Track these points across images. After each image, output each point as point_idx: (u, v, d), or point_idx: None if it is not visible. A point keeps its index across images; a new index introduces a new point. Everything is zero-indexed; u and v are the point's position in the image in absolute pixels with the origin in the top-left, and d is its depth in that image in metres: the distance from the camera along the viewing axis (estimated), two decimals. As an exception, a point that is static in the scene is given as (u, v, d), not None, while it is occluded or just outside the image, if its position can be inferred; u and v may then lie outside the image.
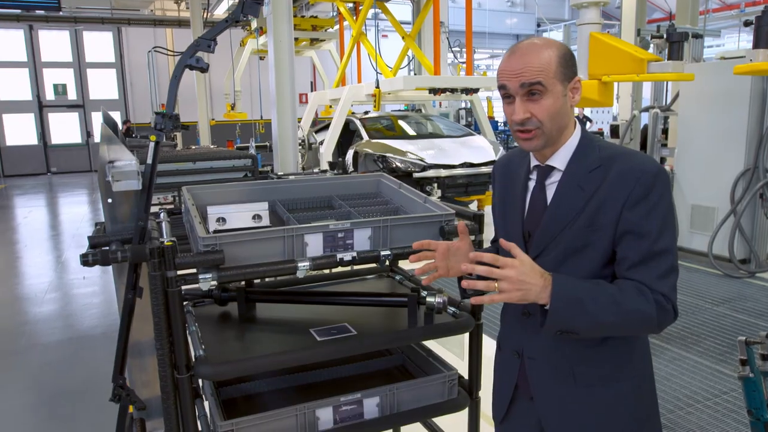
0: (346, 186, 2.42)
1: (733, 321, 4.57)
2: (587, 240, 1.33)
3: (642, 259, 1.29)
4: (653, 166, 1.31)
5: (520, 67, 1.31)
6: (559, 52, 1.33)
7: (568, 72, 1.34)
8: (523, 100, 1.32)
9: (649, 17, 20.32)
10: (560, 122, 1.35)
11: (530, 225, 1.43)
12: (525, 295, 1.23)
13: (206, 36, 1.70)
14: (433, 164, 6.83)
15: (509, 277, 1.22)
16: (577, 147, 1.39)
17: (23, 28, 18.14)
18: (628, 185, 1.29)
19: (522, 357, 1.48)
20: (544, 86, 1.30)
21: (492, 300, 1.24)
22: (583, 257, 1.34)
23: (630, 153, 1.36)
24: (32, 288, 6.24)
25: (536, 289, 1.23)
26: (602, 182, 1.32)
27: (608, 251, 1.33)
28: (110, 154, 1.75)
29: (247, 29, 14.16)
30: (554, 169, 1.40)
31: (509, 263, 1.23)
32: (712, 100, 6.03)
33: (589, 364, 1.39)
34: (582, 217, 1.33)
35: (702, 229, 6.24)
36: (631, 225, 1.29)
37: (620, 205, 1.29)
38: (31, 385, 3.90)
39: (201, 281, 1.58)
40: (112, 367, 1.83)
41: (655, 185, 1.28)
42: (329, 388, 2.03)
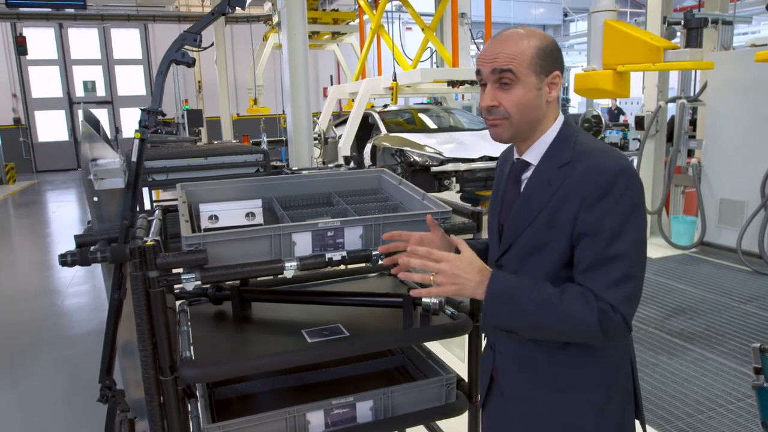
0: (346, 182, 2.36)
1: (761, 320, 4.39)
2: (546, 238, 1.28)
3: (592, 264, 1.22)
4: (616, 164, 1.22)
5: (495, 53, 1.28)
6: (540, 43, 1.28)
7: (546, 65, 1.28)
8: (493, 87, 1.29)
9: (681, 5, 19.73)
10: (531, 115, 1.30)
11: (503, 219, 1.42)
12: (460, 290, 1.24)
13: (192, 30, 1.65)
14: (452, 158, 6.73)
15: (443, 270, 1.23)
16: (552, 142, 1.33)
17: (53, 26, 18.53)
18: (587, 184, 1.22)
19: (494, 350, 1.47)
20: (516, 75, 1.26)
21: (429, 293, 1.24)
22: (542, 256, 1.30)
23: (599, 150, 1.27)
24: (58, 281, 6.36)
25: (471, 284, 1.23)
26: (566, 178, 1.26)
27: (566, 252, 1.27)
28: (93, 152, 1.73)
29: (269, 24, 14.20)
30: (530, 164, 1.36)
31: (444, 257, 1.23)
32: (742, 89, 5.79)
33: (551, 366, 1.35)
34: (543, 214, 1.28)
35: (731, 224, 6.01)
36: (585, 226, 1.22)
37: (578, 204, 1.23)
38: (50, 378, 3.96)
39: (184, 281, 1.55)
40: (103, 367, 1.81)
41: (614, 185, 1.20)
42: (326, 389, 1.98)
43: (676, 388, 3.40)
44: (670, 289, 5.16)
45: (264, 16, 15.10)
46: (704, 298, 4.91)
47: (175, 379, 1.59)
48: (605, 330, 1.19)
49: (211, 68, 16.18)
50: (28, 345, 4.58)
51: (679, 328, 4.27)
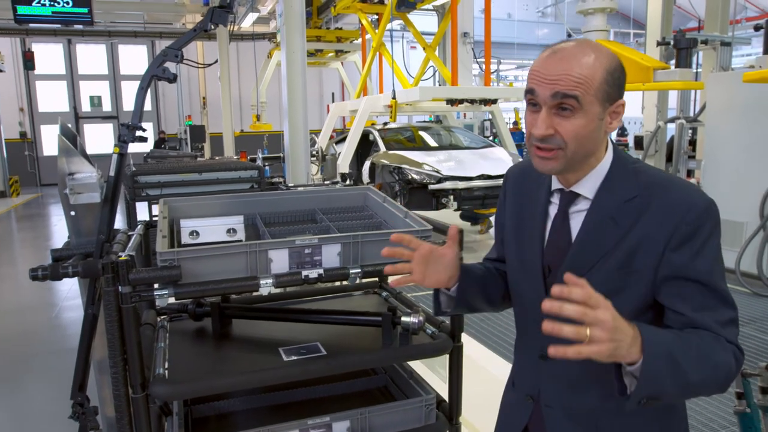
0: (331, 199, 2.35)
1: (759, 343, 4.34)
2: (621, 283, 1.12)
3: (703, 306, 1.08)
4: (702, 199, 1.11)
5: (557, 73, 1.08)
6: (609, 65, 1.11)
7: (612, 92, 1.11)
8: (550, 113, 1.11)
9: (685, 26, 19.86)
10: (588, 147, 1.14)
11: (551, 259, 1.22)
12: (616, 350, 0.95)
13: (173, 46, 1.66)
14: (450, 176, 6.73)
15: (604, 321, 0.93)
16: (608, 173, 1.17)
17: (62, 42, 18.77)
18: (672, 221, 1.09)
19: (537, 403, 1.28)
20: (580, 103, 1.08)
21: (579, 354, 0.93)
22: (615, 302, 1.02)
23: (674, 182, 1.15)
24: (55, 294, 6.36)
25: (627, 341, 0.96)
26: (640, 216, 1.12)
27: (646, 297, 1.13)
28: (69, 167, 1.73)
29: (274, 42, 14.36)
30: (580, 196, 1.20)
31: (603, 304, 0.94)
32: (741, 110, 5.79)
33: (615, 417, 1.18)
34: (615, 256, 1.13)
35: (730, 245, 5.97)
36: (677, 269, 1.09)
37: (663, 244, 1.10)
38: (44, 392, 3.94)
39: (157, 297, 1.53)
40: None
41: (705, 223, 1.09)
42: (306, 408, 1.96)
43: (670, 412, 3.34)
44: (667, 310, 5.11)
45: (269, 34, 15.27)
46: (702, 319, 4.86)
47: (146, 396, 1.57)
48: (738, 372, 1.09)
49: (215, 85, 16.34)
50: (24, 357, 4.56)
51: (675, 350, 4.22)
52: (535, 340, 1.24)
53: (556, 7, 25.16)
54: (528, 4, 24.95)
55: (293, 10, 5.08)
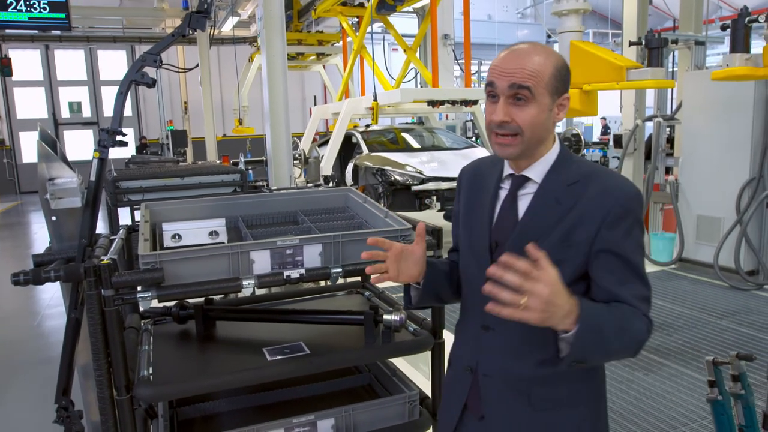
0: (313, 201, 2.38)
1: (737, 335, 4.43)
2: (561, 255, 1.25)
3: (625, 280, 1.25)
4: (633, 188, 1.29)
5: (513, 67, 1.25)
6: (557, 63, 1.28)
7: (560, 86, 1.28)
8: (507, 103, 1.26)
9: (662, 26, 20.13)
10: (540, 134, 1.30)
11: (498, 235, 1.36)
12: (548, 318, 1.10)
13: (151, 51, 1.68)
14: (433, 177, 6.78)
15: (540, 294, 1.07)
16: (555, 161, 1.34)
17: (39, 48, 18.53)
18: (607, 204, 1.25)
19: (476, 373, 1.39)
20: (533, 94, 1.25)
21: (511, 315, 1.09)
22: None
23: (609, 172, 1.34)
24: (37, 303, 6.28)
25: (561, 312, 1.11)
26: (580, 198, 1.28)
27: (581, 268, 1.28)
28: (50, 172, 1.73)
29: (255, 45, 14.31)
30: (529, 180, 1.34)
31: (544, 278, 1.08)
32: (715, 108, 5.91)
33: (546, 385, 1.32)
34: (557, 231, 1.28)
35: (708, 240, 6.09)
36: (608, 244, 1.25)
37: (598, 223, 1.25)
38: (29, 401, 3.89)
39: (140, 300, 1.55)
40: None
41: (633, 209, 1.27)
42: (291, 408, 1.98)
43: (651, 404, 3.41)
44: (648, 305, 5.20)
45: (249, 38, 15.22)
46: (681, 313, 4.95)
47: (131, 398, 1.58)
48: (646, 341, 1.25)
49: (197, 89, 16.24)
50: (5, 367, 4.51)
51: (655, 344, 4.29)
52: (478, 313, 1.36)
53: (535, 9, 25.39)
54: (507, 6, 25.15)
55: (273, 14, 5.09)
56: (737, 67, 4.35)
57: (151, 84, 1.69)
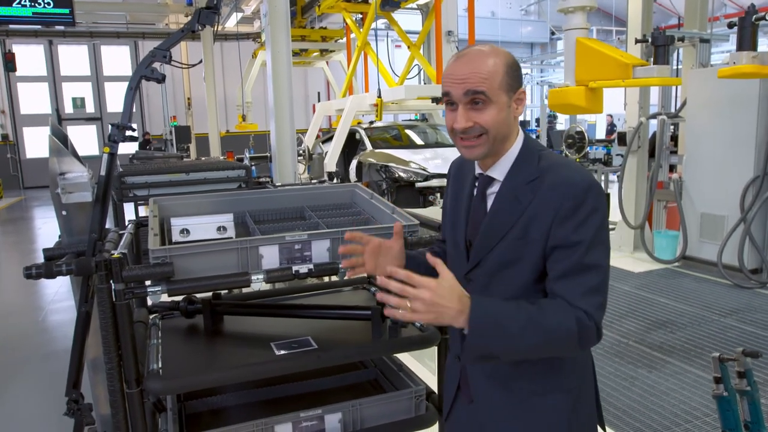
0: (319, 197, 2.39)
1: (740, 333, 4.43)
2: (519, 253, 1.29)
3: (566, 274, 1.24)
4: (584, 179, 1.26)
5: (465, 73, 1.27)
6: (506, 60, 1.29)
7: (513, 83, 1.30)
8: (466, 109, 1.28)
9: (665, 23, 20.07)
10: (503, 132, 1.31)
11: (471, 234, 1.40)
12: (438, 318, 1.17)
13: (161, 47, 1.68)
14: (437, 174, 6.78)
15: (423, 298, 1.14)
16: (517, 157, 1.35)
17: (43, 43, 18.55)
18: (557, 199, 1.25)
19: (461, 361, 1.45)
20: (488, 96, 1.26)
21: (403, 317, 1.16)
22: (515, 270, 1.31)
23: (563, 164, 1.32)
24: (41, 298, 6.31)
25: (451, 312, 1.16)
26: (535, 194, 1.28)
27: (539, 265, 1.29)
28: (60, 166, 1.75)
29: (258, 41, 14.30)
30: (495, 179, 1.37)
31: (425, 284, 1.15)
32: (720, 105, 5.90)
33: (523, 374, 1.36)
34: (515, 229, 1.29)
35: (711, 238, 6.08)
36: (558, 240, 1.25)
37: (550, 219, 1.25)
38: (34, 396, 3.92)
39: (150, 294, 1.56)
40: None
41: (585, 200, 1.24)
42: (298, 402, 1.99)
43: (655, 401, 3.42)
44: (651, 303, 5.20)
45: (253, 34, 15.21)
46: (685, 311, 4.96)
47: (140, 391, 1.59)
48: (581, 338, 1.22)
49: (200, 85, 16.24)
50: (11, 361, 4.53)
51: (659, 341, 4.30)
52: None
53: (539, 5, 25.30)
54: (511, 3, 25.07)
55: (278, 10, 5.09)
56: (744, 65, 4.34)
57: (160, 79, 1.70)
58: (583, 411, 1.40)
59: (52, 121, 1.90)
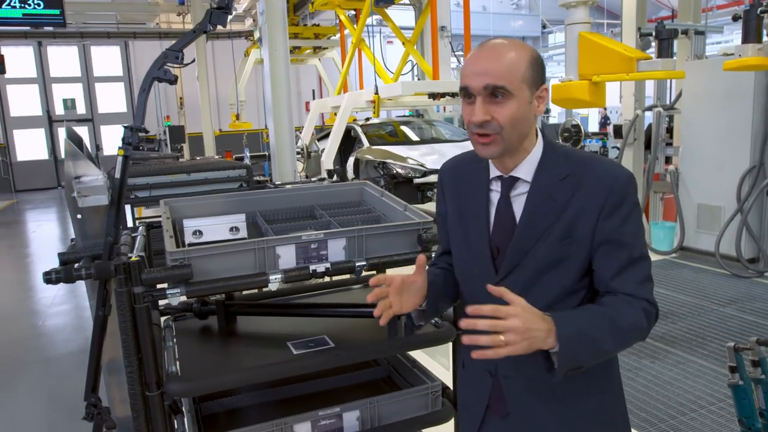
0: (329, 195, 2.39)
1: (741, 322, 4.47)
2: (564, 253, 1.26)
3: (623, 268, 1.25)
4: (625, 173, 1.27)
5: (485, 67, 1.22)
6: (529, 53, 1.25)
7: (536, 77, 1.25)
8: (485, 102, 1.22)
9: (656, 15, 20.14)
10: (521, 130, 1.26)
11: (498, 241, 1.33)
12: (532, 344, 1.13)
13: (174, 48, 1.68)
14: (434, 169, 6.79)
15: (515, 328, 1.10)
16: (542, 156, 1.31)
17: (32, 44, 18.38)
18: (602, 194, 1.23)
19: (496, 376, 1.38)
20: (509, 90, 1.21)
21: (498, 354, 1.11)
22: (559, 271, 1.27)
23: (598, 159, 1.30)
24: (39, 302, 6.28)
25: (542, 335, 1.13)
26: (575, 191, 1.25)
27: (585, 263, 1.27)
28: (76, 170, 1.74)
29: (251, 39, 14.25)
30: (519, 180, 1.31)
31: (512, 312, 1.11)
32: (716, 97, 5.93)
33: (565, 380, 1.29)
34: (556, 229, 1.26)
35: (709, 229, 6.13)
36: (608, 234, 1.24)
37: (596, 214, 1.24)
38: (35, 399, 3.90)
39: (169, 296, 1.56)
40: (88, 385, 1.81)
41: (628, 193, 1.25)
42: (312, 401, 1.99)
43: (659, 391, 3.45)
44: (651, 294, 5.24)
45: (245, 32, 15.14)
46: (684, 302, 5.00)
47: (161, 394, 1.59)
48: (649, 326, 1.25)
49: (192, 84, 16.15)
50: (11, 366, 4.51)
51: (660, 332, 4.34)
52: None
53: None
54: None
55: (275, 8, 5.08)
56: (750, 57, 4.36)
57: (173, 81, 1.70)
58: (622, 408, 1.41)
59: (68, 125, 1.88)
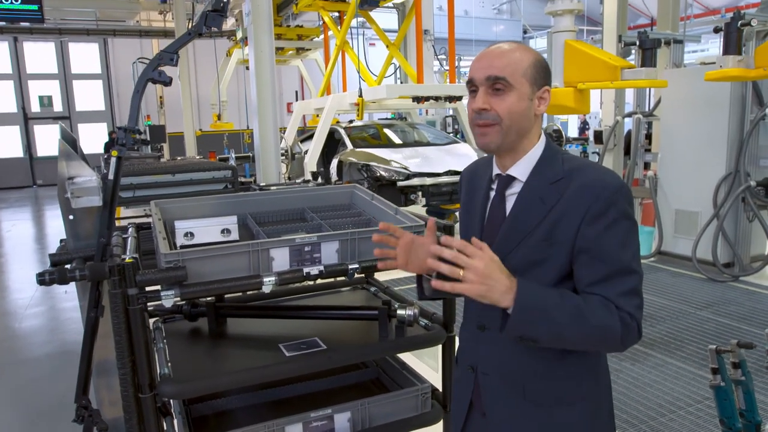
0: (319, 198, 2.40)
1: (717, 325, 4.58)
2: (545, 254, 1.28)
3: (603, 277, 1.24)
4: (614, 180, 1.27)
5: (489, 62, 1.30)
6: (534, 57, 1.32)
7: (539, 78, 1.31)
8: (487, 92, 1.29)
9: (634, 23, 20.49)
10: (520, 124, 1.30)
11: (488, 236, 1.37)
12: (488, 291, 1.16)
13: (168, 49, 1.68)
14: (418, 172, 6.83)
15: (476, 267, 1.15)
16: (540, 158, 1.34)
17: (8, 40, 18.01)
18: (587, 200, 1.25)
19: (476, 372, 1.42)
20: (510, 83, 1.27)
21: (453, 288, 1.16)
22: (539, 271, 1.29)
23: (592, 166, 1.32)
24: (14, 303, 6.16)
25: (500, 288, 1.17)
26: (562, 195, 1.28)
27: (565, 266, 1.29)
28: (69, 170, 1.73)
29: (233, 39, 14.16)
30: (515, 179, 1.36)
31: (478, 254, 1.15)
32: (693, 105, 6.07)
33: (542, 381, 1.34)
34: (540, 230, 1.28)
35: (686, 234, 6.26)
36: (588, 242, 1.24)
37: (579, 220, 1.25)
38: (11, 402, 3.83)
39: (163, 298, 1.56)
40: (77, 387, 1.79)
41: (615, 201, 1.24)
42: (302, 403, 2.00)
43: (639, 393, 3.52)
44: (630, 297, 5.33)
45: (227, 32, 15.04)
46: (663, 305, 5.10)
47: (154, 396, 1.59)
48: (624, 337, 1.22)
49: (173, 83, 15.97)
50: (-13, 369, 4.43)
51: (640, 335, 4.41)
52: (475, 313, 1.42)
53: (511, 4, 25.59)
54: (484, 1, 25.29)
55: (261, 9, 5.06)
56: (731, 68, 4.46)
57: (168, 82, 1.69)
58: (607, 417, 1.40)
59: (62, 125, 1.86)
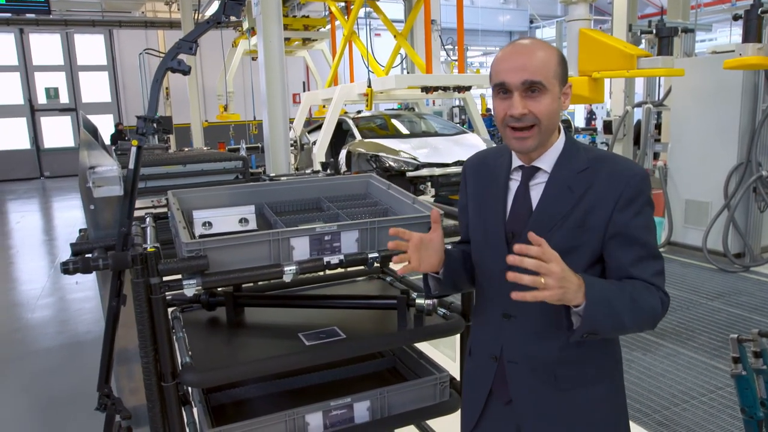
0: (334, 187, 2.39)
1: (728, 316, 4.57)
2: (579, 240, 1.32)
3: (638, 259, 1.31)
4: (641, 169, 1.35)
5: (522, 63, 1.30)
6: (558, 53, 1.35)
7: (564, 75, 1.35)
8: (522, 96, 1.30)
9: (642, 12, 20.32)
10: (554, 122, 1.35)
11: (514, 225, 1.39)
12: (565, 294, 1.17)
13: (187, 38, 1.67)
14: (427, 163, 6.82)
15: (554, 272, 1.15)
16: (563, 150, 1.38)
17: (14, 31, 18.02)
18: (619, 187, 1.31)
19: (500, 361, 1.44)
20: (545, 85, 1.30)
21: (535, 297, 1.15)
22: (571, 258, 1.28)
23: (617, 156, 1.39)
24: (25, 294, 6.20)
25: (574, 288, 1.18)
26: (592, 183, 1.33)
27: (597, 251, 1.34)
28: (91, 160, 1.73)
29: (239, 30, 14.12)
30: (539, 170, 1.39)
31: (554, 258, 1.15)
32: (704, 94, 6.02)
33: (571, 366, 1.38)
34: (572, 217, 1.32)
35: (696, 224, 6.23)
36: (621, 226, 1.30)
37: (611, 206, 1.30)
38: (24, 392, 3.87)
39: (185, 287, 1.56)
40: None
41: (643, 189, 1.32)
42: (320, 392, 2.01)
43: (652, 383, 3.52)
44: (640, 287, 5.32)
45: (233, 23, 14.99)
46: (674, 296, 5.08)
47: (176, 384, 1.60)
48: (662, 314, 1.31)
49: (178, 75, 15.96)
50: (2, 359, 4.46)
51: (651, 325, 4.41)
52: (498, 302, 1.43)
53: (517, -6, 25.43)
54: (490, -9, 25.13)
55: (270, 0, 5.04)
56: (750, 56, 4.42)
57: (187, 71, 1.69)
58: (622, 398, 1.46)
59: (83, 114, 1.86)
